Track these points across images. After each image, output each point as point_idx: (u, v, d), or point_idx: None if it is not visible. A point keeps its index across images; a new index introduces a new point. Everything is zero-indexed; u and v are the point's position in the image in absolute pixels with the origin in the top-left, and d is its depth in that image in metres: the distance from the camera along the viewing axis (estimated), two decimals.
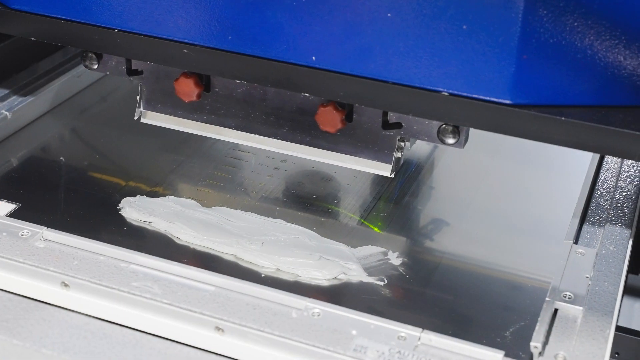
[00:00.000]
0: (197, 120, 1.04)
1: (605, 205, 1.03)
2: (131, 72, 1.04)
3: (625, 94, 0.82)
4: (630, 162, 1.12)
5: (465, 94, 0.83)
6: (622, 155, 0.83)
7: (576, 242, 0.97)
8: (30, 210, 1.02)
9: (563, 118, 0.80)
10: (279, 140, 1.02)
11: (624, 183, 1.08)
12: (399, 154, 0.98)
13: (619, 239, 0.97)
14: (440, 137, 0.93)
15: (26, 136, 1.19)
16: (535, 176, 1.16)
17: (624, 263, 0.94)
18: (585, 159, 1.13)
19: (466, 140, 0.94)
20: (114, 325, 0.87)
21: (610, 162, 1.12)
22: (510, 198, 1.11)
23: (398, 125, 0.96)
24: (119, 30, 0.94)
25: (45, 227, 0.95)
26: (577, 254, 0.94)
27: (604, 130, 0.80)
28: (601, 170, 1.10)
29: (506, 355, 0.82)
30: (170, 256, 0.93)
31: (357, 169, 1.00)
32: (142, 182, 1.10)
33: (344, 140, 0.99)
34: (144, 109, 1.07)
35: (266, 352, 0.83)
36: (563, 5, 0.78)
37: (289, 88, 0.91)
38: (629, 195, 1.05)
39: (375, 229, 1.03)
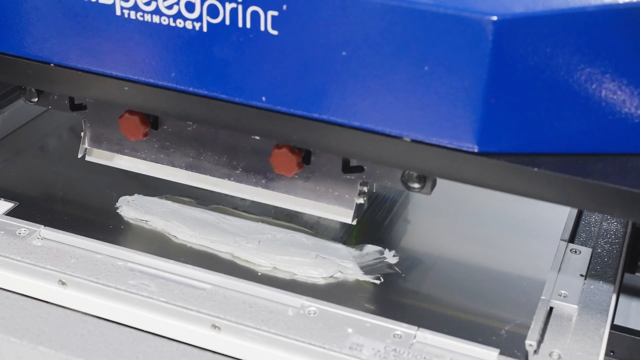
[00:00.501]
0: (145, 159, 0.98)
1: None
2: (74, 107, 0.97)
3: (604, 141, 0.74)
4: None
5: (429, 140, 0.75)
6: (605, 212, 0.76)
7: (572, 240, 0.97)
8: (28, 209, 1.02)
9: (536, 169, 0.72)
10: (233, 182, 0.95)
11: None
12: (361, 200, 0.91)
13: (614, 238, 0.98)
14: (404, 182, 0.85)
15: (24, 135, 1.19)
16: None
17: (619, 262, 0.94)
18: None
19: (433, 186, 0.85)
20: (110, 323, 0.87)
21: None
22: (506, 197, 1.11)
23: (360, 169, 0.87)
24: (55, 65, 0.87)
25: (43, 226, 0.95)
26: (572, 252, 0.95)
27: (583, 184, 0.71)
28: None
29: (501, 353, 0.83)
30: (167, 255, 0.93)
31: (316, 214, 0.94)
32: (139, 180, 1.10)
33: (302, 184, 0.92)
34: (88, 146, 1.00)
35: (262, 350, 0.84)
36: (534, 43, 0.71)
37: (238, 130, 0.84)
38: None
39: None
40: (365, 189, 0.90)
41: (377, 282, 0.95)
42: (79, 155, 1.01)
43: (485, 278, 0.97)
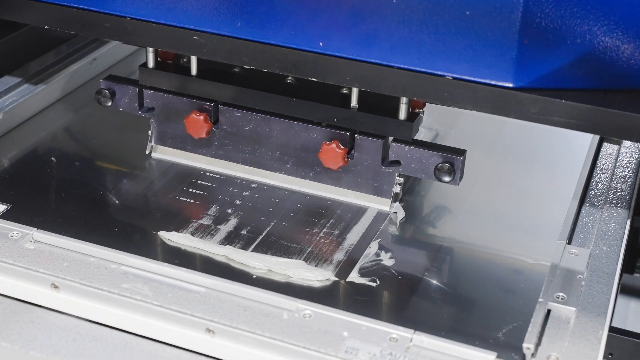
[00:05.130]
0: (206, 155, 1.10)
1: (599, 205, 1.03)
2: (143, 108, 1.10)
3: (623, 78, 0.84)
4: (624, 162, 1.12)
5: (468, 78, 0.85)
6: (620, 135, 0.85)
7: (569, 242, 0.96)
8: (21, 212, 1.01)
9: (563, 100, 0.83)
10: (284, 175, 1.07)
11: (618, 183, 1.07)
12: (397, 189, 1.03)
13: (613, 239, 0.97)
14: (436, 174, 0.99)
15: (17, 137, 1.18)
16: (529, 176, 1.16)
17: (617, 263, 0.93)
18: (579, 159, 1.12)
19: (461, 177, 1.00)
20: (103, 327, 0.86)
21: (604, 162, 1.12)
22: (503, 198, 1.11)
23: (397, 163, 1.01)
24: (130, 18, 0.96)
25: (36, 229, 0.95)
26: (570, 254, 0.94)
27: (602, 112, 0.82)
28: (595, 170, 1.10)
29: (498, 356, 0.82)
30: (161, 258, 0.92)
31: (358, 203, 1.05)
32: (133, 183, 1.09)
33: (346, 176, 1.04)
34: (154, 143, 1.12)
35: (257, 354, 0.83)
36: None
37: (296, 73, 0.92)
38: (622, 195, 1.05)
39: None
40: (401, 179, 1.03)
41: (374, 284, 0.94)
42: (147, 152, 1.12)
43: (482, 280, 0.97)
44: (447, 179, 0.99)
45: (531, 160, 1.19)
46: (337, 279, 0.94)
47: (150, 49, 1.08)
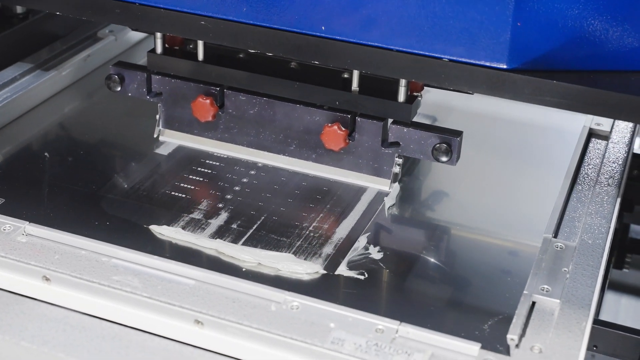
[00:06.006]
0: (212, 139, 1.13)
1: (586, 199, 1.04)
2: (151, 93, 1.13)
3: (612, 59, 0.88)
4: (612, 158, 1.13)
5: (464, 60, 0.88)
6: (608, 114, 0.88)
7: (555, 235, 0.97)
8: (14, 205, 1.02)
9: (554, 81, 0.86)
10: (288, 157, 1.10)
11: (605, 178, 1.08)
12: (396, 170, 1.07)
13: (598, 233, 0.98)
14: (434, 154, 1.03)
15: (11, 132, 1.19)
16: (516, 170, 1.17)
17: (602, 257, 0.94)
18: (567, 153, 1.13)
19: (458, 158, 1.03)
20: (92, 319, 0.87)
21: (592, 156, 1.13)
22: (490, 192, 1.12)
23: (396, 144, 1.05)
24: (140, 4, 0.99)
25: (28, 222, 0.95)
26: (556, 247, 0.95)
27: (591, 92, 0.85)
28: (582, 165, 1.11)
29: (483, 347, 0.83)
30: (152, 251, 0.93)
31: (358, 184, 1.08)
32: (125, 178, 1.10)
33: (347, 158, 1.08)
34: (162, 127, 1.15)
35: (245, 345, 0.84)
36: None
37: (299, 56, 0.95)
38: (609, 190, 1.06)
39: None
40: (400, 160, 1.06)
41: (361, 277, 0.95)
42: (155, 136, 1.15)
43: (469, 273, 0.98)
44: (444, 159, 1.02)
45: (520, 156, 1.20)
46: (325, 272, 0.95)
47: (159, 35, 1.11)
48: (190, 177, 1.10)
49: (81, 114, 1.26)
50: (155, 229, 1.00)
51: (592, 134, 1.18)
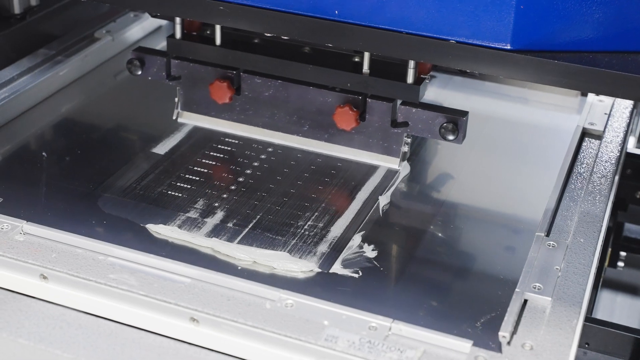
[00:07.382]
0: (228, 120, 1.16)
1: (578, 198, 1.05)
2: (170, 77, 1.16)
3: (611, 40, 0.91)
4: (605, 156, 1.14)
5: (470, 41, 0.91)
6: (607, 93, 0.91)
7: (548, 234, 0.98)
8: (12, 204, 1.03)
9: (555, 61, 0.88)
10: (301, 137, 1.14)
11: (598, 177, 1.09)
12: (405, 149, 1.10)
13: (590, 232, 0.99)
14: (441, 133, 1.05)
15: (8, 132, 1.20)
16: (510, 169, 1.18)
17: (594, 255, 0.95)
18: (560, 153, 1.14)
19: (464, 137, 1.05)
20: (89, 316, 0.88)
21: (585, 155, 1.14)
22: (484, 191, 1.13)
23: (405, 124, 1.08)
24: None
25: (25, 221, 0.96)
26: (548, 246, 0.96)
27: (590, 71, 0.88)
28: (575, 164, 1.11)
29: (475, 344, 0.84)
30: (148, 250, 0.94)
31: (369, 162, 1.12)
32: (122, 178, 1.11)
33: (358, 138, 1.11)
34: (181, 109, 1.17)
35: (240, 342, 0.85)
36: None
37: (313, 39, 0.99)
38: (602, 189, 1.07)
39: None
40: (409, 139, 1.10)
41: (356, 275, 0.96)
42: (173, 118, 1.18)
43: (462, 271, 0.99)
44: (451, 137, 1.05)
45: (513, 155, 1.21)
46: (320, 270, 0.96)
47: (178, 21, 1.13)
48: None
49: (79, 114, 1.27)
50: (151, 227, 1.01)
51: (585, 134, 1.19)
